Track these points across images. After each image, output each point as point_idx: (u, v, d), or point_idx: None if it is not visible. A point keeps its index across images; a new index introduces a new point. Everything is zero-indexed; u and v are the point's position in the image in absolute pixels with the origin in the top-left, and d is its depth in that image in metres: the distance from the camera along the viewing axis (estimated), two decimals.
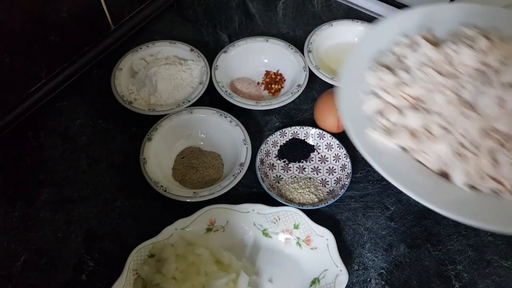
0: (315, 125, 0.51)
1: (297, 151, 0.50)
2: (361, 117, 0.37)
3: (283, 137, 0.50)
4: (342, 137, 0.51)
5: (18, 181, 0.47)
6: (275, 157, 0.50)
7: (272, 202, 0.44)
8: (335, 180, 0.48)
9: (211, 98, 0.54)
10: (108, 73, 0.55)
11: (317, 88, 0.56)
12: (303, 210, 0.43)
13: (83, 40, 0.56)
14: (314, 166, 0.49)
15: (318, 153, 0.50)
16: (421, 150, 0.35)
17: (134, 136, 0.51)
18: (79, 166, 0.49)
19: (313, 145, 0.50)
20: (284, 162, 0.50)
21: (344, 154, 0.48)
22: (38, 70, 0.52)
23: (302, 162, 0.50)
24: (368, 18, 0.64)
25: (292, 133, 0.50)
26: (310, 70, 0.54)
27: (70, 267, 0.42)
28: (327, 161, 0.49)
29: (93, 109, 0.54)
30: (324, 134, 0.50)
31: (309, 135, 0.50)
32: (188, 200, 0.44)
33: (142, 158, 0.46)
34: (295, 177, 0.48)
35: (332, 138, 0.50)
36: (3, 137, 0.51)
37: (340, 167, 0.48)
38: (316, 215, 0.45)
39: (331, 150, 0.50)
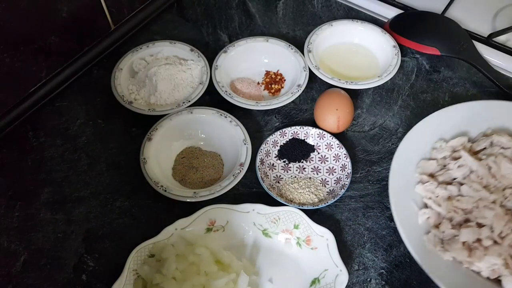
0: (315, 125, 0.51)
1: (297, 151, 0.50)
2: (416, 229, 0.41)
3: (283, 137, 0.50)
4: (342, 137, 0.51)
5: (18, 181, 0.47)
6: (275, 157, 0.50)
7: (272, 202, 0.44)
8: (335, 180, 0.48)
9: (211, 98, 0.54)
10: (108, 73, 0.55)
11: (317, 88, 0.56)
12: (303, 210, 0.43)
13: (83, 40, 0.56)
14: (314, 166, 0.49)
15: (318, 153, 0.50)
16: (474, 262, 0.38)
17: (134, 136, 0.51)
18: (79, 166, 0.49)
19: (313, 145, 0.50)
20: (284, 162, 0.50)
21: (344, 154, 0.48)
22: (38, 70, 0.52)
23: (302, 162, 0.50)
24: (368, 18, 0.64)
25: (292, 133, 0.50)
26: (310, 70, 0.54)
27: (70, 267, 0.42)
28: (327, 161, 0.49)
29: (93, 109, 0.54)
30: (324, 134, 0.50)
31: (309, 135, 0.50)
32: (188, 200, 0.44)
33: (142, 158, 0.46)
34: (295, 177, 0.48)
35: (332, 138, 0.50)
36: (3, 137, 0.51)
37: (340, 167, 0.48)
38: (316, 215, 0.45)
39: (331, 150, 0.50)
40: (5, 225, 0.44)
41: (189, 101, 0.51)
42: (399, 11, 0.63)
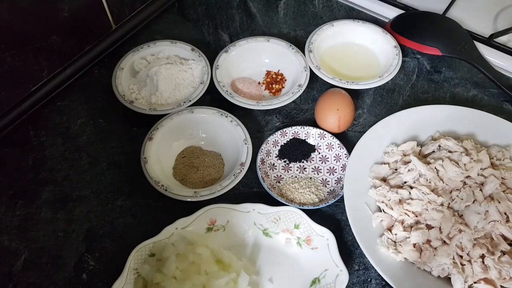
0: (316, 125, 0.51)
1: (298, 151, 0.50)
2: (370, 232, 0.42)
3: (283, 137, 0.50)
4: (342, 137, 0.51)
5: (19, 180, 0.48)
6: (275, 157, 0.50)
7: (272, 202, 0.44)
8: (335, 180, 0.48)
9: (212, 97, 0.54)
10: (109, 72, 0.55)
11: (318, 88, 0.56)
12: (303, 210, 0.43)
13: (84, 39, 0.56)
14: (315, 166, 0.49)
15: (319, 153, 0.50)
16: (424, 262, 0.40)
17: (135, 136, 0.51)
18: (80, 165, 0.49)
19: (314, 145, 0.50)
20: (284, 162, 0.50)
21: (345, 154, 0.48)
22: (39, 69, 0.52)
23: (303, 162, 0.50)
24: (369, 18, 0.64)
25: (292, 133, 0.50)
26: (311, 70, 0.54)
27: (70, 266, 0.42)
28: (328, 161, 0.49)
29: (94, 108, 0.54)
30: (325, 134, 0.50)
31: (310, 135, 0.51)
32: (188, 200, 0.44)
33: (143, 158, 0.46)
34: (296, 177, 0.48)
35: (333, 138, 0.50)
36: (5, 136, 0.51)
37: (341, 167, 0.48)
38: (317, 215, 0.45)
39: (331, 150, 0.50)
40: (6, 224, 0.44)
41: (190, 101, 0.51)
42: (400, 12, 0.63)
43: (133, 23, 0.62)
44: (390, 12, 0.63)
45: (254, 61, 0.58)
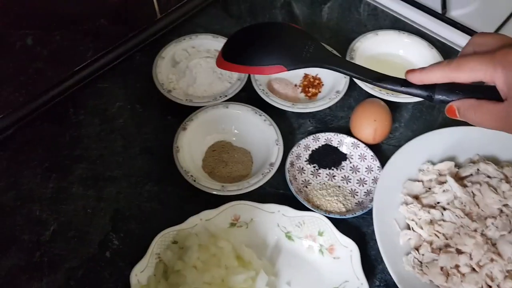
0: (350, 134, 0.50)
1: (329, 157, 0.49)
2: (397, 249, 0.41)
3: (316, 142, 0.50)
4: (377, 149, 0.50)
5: (55, 154, 0.49)
6: (305, 161, 0.49)
7: (298, 206, 0.43)
8: (365, 192, 0.47)
9: (247, 95, 0.54)
10: (150, 60, 0.56)
11: (355, 96, 0.55)
12: (329, 218, 0.42)
13: (130, 25, 0.58)
14: (345, 175, 0.49)
15: (350, 162, 0.49)
16: (450, 287, 0.39)
17: (168, 124, 0.52)
18: (114, 146, 0.50)
19: (346, 154, 0.50)
20: (314, 167, 0.49)
21: (378, 167, 0.47)
22: (84, 50, 0.54)
23: (333, 169, 0.49)
24: (414, 31, 0.62)
25: (325, 139, 0.50)
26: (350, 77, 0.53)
27: (95, 243, 0.43)
28: (359, 171, 0.49)
29: (133, 93, 0.55)
30: (359, 144, 0.49)
31: (343, 143, 0.50)
32: (215, 193, 0.44)
33: (175, 146, 0.47)
34: (324, 183, 0.48)
35: (366, 149, 0.49)
36: (46, 111, 0.53)
37: (372, 179, 0.47)
38: (342, 224, 0.44)
39: (364, 161, 0.49)
40: (39, 195, 0.46)
41: (226, 96, 0.52)
42: (447, 27, 0.61)
43: (177, 14, 0.62)
44: (437, 27, 0.61)
45: None
